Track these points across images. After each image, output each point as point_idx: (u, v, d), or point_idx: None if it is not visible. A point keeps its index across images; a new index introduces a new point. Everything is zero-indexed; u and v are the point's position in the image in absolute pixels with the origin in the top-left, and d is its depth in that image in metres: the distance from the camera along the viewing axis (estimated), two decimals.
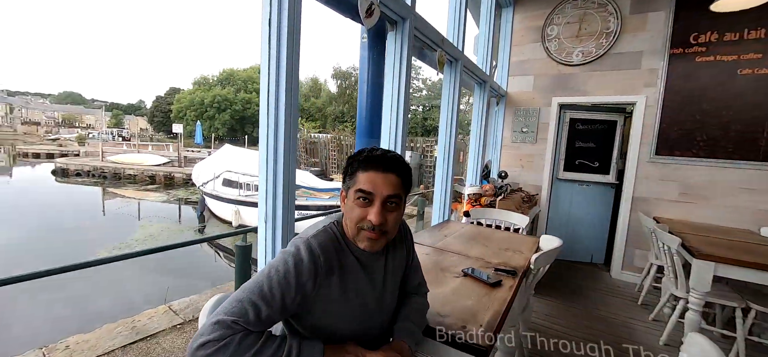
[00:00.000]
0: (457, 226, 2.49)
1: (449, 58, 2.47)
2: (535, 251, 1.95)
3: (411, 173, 0.91)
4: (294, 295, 0.79)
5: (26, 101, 59.52)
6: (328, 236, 0.88)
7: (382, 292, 0.96)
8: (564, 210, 4.10)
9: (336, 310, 0.87)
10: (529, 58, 3.90)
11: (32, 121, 52.70)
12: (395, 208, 0.86)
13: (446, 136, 2.69)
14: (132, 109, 71.63)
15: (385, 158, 0.86)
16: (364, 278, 0.91)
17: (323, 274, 0.83)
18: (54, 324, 4.58)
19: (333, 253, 0.86)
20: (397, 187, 0.85)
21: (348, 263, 0.89)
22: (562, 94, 3.79)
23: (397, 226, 0.89)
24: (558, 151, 3.98)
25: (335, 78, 29.51)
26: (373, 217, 0.83)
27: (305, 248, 0.82)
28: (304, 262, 0.81)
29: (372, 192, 0.83)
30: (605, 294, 3.27)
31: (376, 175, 0.84)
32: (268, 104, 1.29)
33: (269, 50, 1.27)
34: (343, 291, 0.87)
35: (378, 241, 0.87)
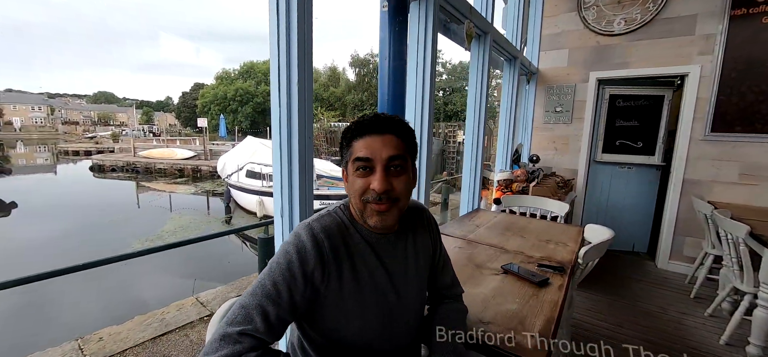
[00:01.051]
0: (489, 216, 2.30)
1: (478, 31, 2.25)
2: (580, 243, 1.74)
3: (413, 134, 0.80)
4: (302, 288, 0.70)
5: (65, 102, 63.15)
6: (332, 220, 0.78)
7: (404, 284, 0.83)
8: (603, 195, 3.80)
9: (351, 306, 0.76)
10: (564, 29, 3.57)
11: (71, 121, 55.95)
12: (400, 171, 0.75)
13: (475, 117, 2.48)
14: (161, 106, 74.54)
15: (379, 120, 0.75)
16: (377, 264, 0.79)
17: (331, 260, 0.73)
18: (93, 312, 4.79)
19: (338, 236, 0.76)
20: (399, 148, 0.74)
21: (357, 247, 0.78)
22: (600, 67, 3.45)
23: (408, 193, 0.78)
24: (596, 132, 3.66)
25: (353, 66, 29.31)
26: (377, 184, 0.72)
27: (307, 233, 0.73)
28: (307, 248, 0.71)
29: (370, 157, 0.73)
30: (652, 286, 3.00)
31: (372, 140, 0.73)
32: (279, 90, 1.15)
33: (278, 27, 1.12)
34: (355, 280, 0.76)
35: (388, 213, 0.75)
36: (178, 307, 3.11)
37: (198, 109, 34.61)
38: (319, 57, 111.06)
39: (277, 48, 1.13)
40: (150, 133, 37.11)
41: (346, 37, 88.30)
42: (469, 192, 2.62)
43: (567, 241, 1.74)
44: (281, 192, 1.18)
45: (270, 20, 1.14)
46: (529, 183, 3.03)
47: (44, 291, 5.07)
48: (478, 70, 2.41)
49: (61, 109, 57.81)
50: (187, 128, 42.91)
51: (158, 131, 40.06)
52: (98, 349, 2.51)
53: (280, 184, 1.18)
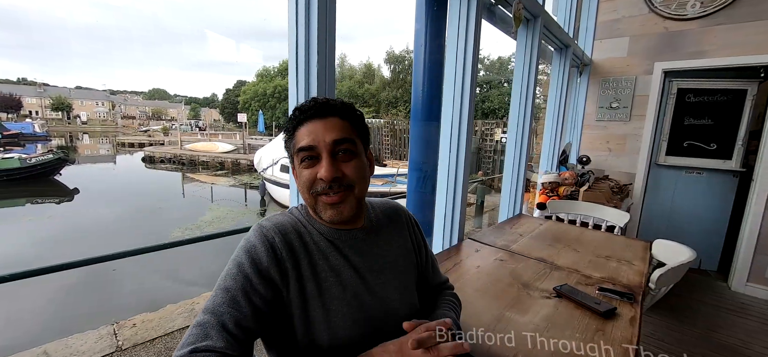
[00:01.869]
0: (533, 223, 2.04)
1: (527, 14, 1.99)
2: (649, 262, 1.46)
3: (361, 117, 0.72)
4: (261, 290, 0.60)
5: (124, 98, 68.86)
6: (285, 218, 0.70)
7: (381, 283, 0.72)
8: (665, 203, 3.34)
9: (316, 313, 0.65)
10: (624, 15, 3.16)
11: (129, 116, 60.97)
12: (350, 155, 0.67)
13: (520, 111, 2.22)
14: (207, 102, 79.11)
15: (318, 104, 0.68)
16: (343, 262, 0.69)
17: (287, 258, 0.64)
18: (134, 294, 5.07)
19: (293, 233, 0.67)
20: (345, 130, 0.67)
21: (317, 245, 0.69)
22: (668, 57, 3.01)
23: (363, 178, 0.69)
24: (660, 131, 3.21)
25: (388, 62, 29.21)
26: (323, 171, 0.64)
27: (256, 234, 0.65)
28: (257, 247, 0.63)
29: (313, 144, 0.65)
30: (728, 313, 2.56)
31: (314, 125, 0.66)
32: (297, 78, 1.01)
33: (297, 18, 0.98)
34: (316, 283, 0.66)
35: (343, 204, 0.67)
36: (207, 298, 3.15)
37: (239, 105, 36.28)
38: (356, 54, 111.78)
39: (296, 38, 0.99)
40: (196, 127, 39.46)
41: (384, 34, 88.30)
42: (511, 195, 2.37)
43: (632, 259, 1.47)
44: (298, 196, 1.04)
45: (289, 11, 1.01)
46: (579, 187, 2.71)
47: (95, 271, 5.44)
48: (526, 58, 2.15)
49: (121, 104, 63.10)
50: (229, 123, 45.17)
51: (203, 126, 42.55)
52: (131, 335, 2.57)
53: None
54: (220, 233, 2.79)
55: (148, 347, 2.42)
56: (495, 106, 24.46)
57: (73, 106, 52.19)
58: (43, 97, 50.24)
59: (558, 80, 2.82)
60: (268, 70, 36.85)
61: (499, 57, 28.09)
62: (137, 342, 2.47)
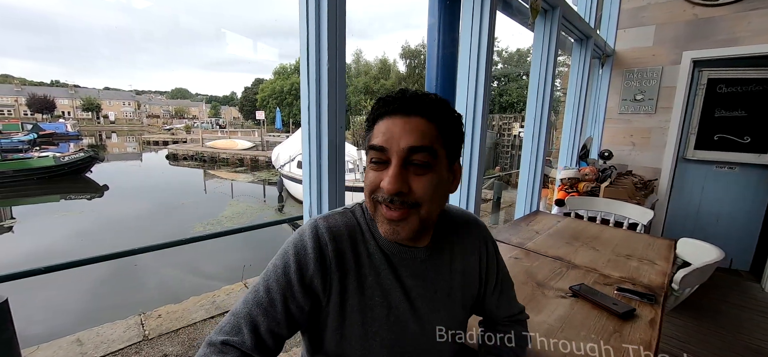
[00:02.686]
0: (550, 220, 2.00)
1: (545, 5, 1.93)
2: (673, 261, 1.40)
3: (456, 120, 0.59)
4: (300, 298, 0.57)
5: (149, 98, 71.44)
6: (344, 220, 0.63)
7: (431, 313, 0.65)
8: (693, 199, 3.19)
9: (352, 331, 0.60)
10: (650, 1, 3.02)
11: (153, 115, 63.25)
12: (425, 169, 0.55)
13: (537, 105, 2.17)
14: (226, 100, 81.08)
15: (405, 98, 0.56)
16: (394, 283, 0.62)
17: (334, 267, 0.58)
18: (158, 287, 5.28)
19: (347, 241, 0.61)
20: (426, 136, 0.55)
21: (371, 258, 0.62)
22: (698, 46, 2.86)
23: (435, 198, 0.57)
24: (688, 124, 3.06)
25: (404, 57, 29.05)
26: (387, 181, 0.54)
27: (310, 233, 0.59)
28: (307, 250, 0.58)
29: (385, 146, 0.55)
30: (762, 316, 2.43)
31: (393, 123, 0.55)
32: (308, 72, 1.02)
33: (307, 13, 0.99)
34: (361, 299, 0.60)
35: (404, 223, 0.56)
36: (228, 292, 3.24)
37: (257, 102, 36.97)
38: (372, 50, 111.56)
39: (306, 33, 1.00)
40: (217, 125, 40.53)
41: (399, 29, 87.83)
42: (528, 191, 2.32)
43: (655, 259, 1.41)
44: (310, 191, 1.06)
45: (300, 10, 1.01)
46: (600, 183, 2.63)
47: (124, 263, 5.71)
48: (544, 51, 2.09)
49: (146, 104, 65.50)
50: (248, 121, 46.12)
51: (224, 124, 43.66)
52: (157, 325, 2.68)
53: (309, 182, 1.06)
54: (240, 229, 2.87)
55: (173, 337, 2.52)
56: (513, 99, 23.94)
57: (102, 106, 54.60)
58: (75, 98, 52.76)
59: (578, 72, 2.73)
60: (284, 68, 37.34)
61: (517, 49, 27.42)
62: (162, 332, 2.58)
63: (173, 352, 2.34)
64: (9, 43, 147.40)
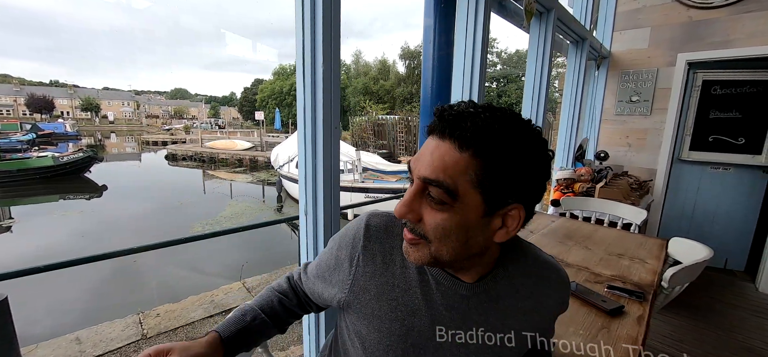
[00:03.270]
0: (545, 220, 2.02)
1: (540, 8, 1.96)
2: (664, 260, 1.42)
3: (508, 148, 0.46)
4: (331, 272, 0.65)
5: (148, 98, 71.44)
6: (390, 221, 0.63)
7: (452, 349, 0.58)
8: (688, 200, 3.22)
9: (365, 332, 0.61)
10: (645, 4, 3.04)
11: (153, 115, 63.22)
12: (440, 206, 0.48)
13: (532, 107, 2.19)
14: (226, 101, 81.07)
15: (445, 117, 0.48)
16: (421, 304, 0.57)
17: (360, 261, 0.61)
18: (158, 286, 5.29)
19: (383, 241, 0.61)
20: (447, 170, 0.46)
21: (402, 267, 0.59)
22: (692, 48, 2.89)
23: (450, 242, 0.49)
24: (683, 125, 3.09)
25: (403, 58, 29.09)
26: (398, 203, 0.51)
27: (355, 224, 0.65)
28: (350, 234, 0.64)
29: (411, 167, 0.51)
30: (754, 315, 2.46)
31: (428, 143, 0.50)
32: (303, 74, 1.04)
33: (303, 9, 1.01)
34: (379, 303, 0.59)
35: (414, 249, 0.52)
36: (226, 291, 3.26)
37: (257, 103, 37.01)
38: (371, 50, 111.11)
39: (302, 32, 1.02)
40: (216, 125, 40.55)
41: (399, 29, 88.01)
42: None
43: (646, 258, 1.43)
44: (306, 191, 1.08)
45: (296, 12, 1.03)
46: (595, 183, 2.65)
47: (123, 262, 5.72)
48: (538, 52, 2.12)
49: (145, 104, 65.49)
50: (248, 121, 46.16)
51: (223, 124, 43.66)
52: (155, 324, 2.70)
53: (305, 183, 1.08)
54: (239, 228, 2.88)
55: (171, 336, 2.53)
56: (512, 100, 24.02)
57: (101, 106, 54.57)
58: (74, 98, 52.72)
59: (574, 74, 2.76)
60: (284, 68, 37.41)
61: (517, 50, 27.53)
62: (161, 331, 2.59)
63: None
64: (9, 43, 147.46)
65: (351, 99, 28.43)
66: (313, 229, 1.10)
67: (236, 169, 17.43)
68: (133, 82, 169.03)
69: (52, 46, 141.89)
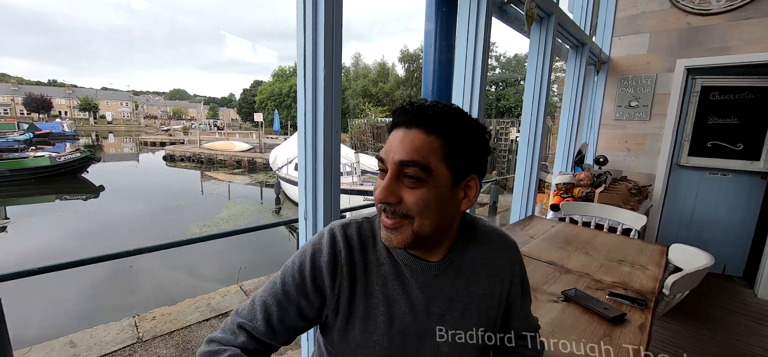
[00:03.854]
0: (545, 224, 2.01)
1: (540, 13, 1.96)
2: (664, 267, 1.42)
3: (467, 131, 0.58)
4: (311, 297, 0.62)
5: (147, 99, 71.28)
6: (362, 227, 0.66)
7: (437, 329, 0.64)
8: (686, 205, 3.22)
9: (357, 337, 0.63)
10: (644, 10, 3.06)
11: (151, 116, 63.03)
12: (417, 183, 0.55)
13: (532, 111, 2.19)
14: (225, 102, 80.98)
15: (406, 110, 0.57)
16: (399, 291, 0.63)
17: (345, 273, 0.62)
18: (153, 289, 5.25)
19: (358, 249, 0.63)
20: (420, 151, 0.55)
21: (377, 265, 0.64)
22: (691, 54, 2.90)
23: (428, 211, 0.56)
24: (682, 130, 3.10)
25: (403, 61, 29.17)
26: (378, 191, 0.57)
27: (328, 236, 0.63)
28: (322, 253, 0.62)
29: (383, 157, 0.58)
30: (752, 322, 2.45)
31: (395, 135, 0.58)
32: (304, 80, 1.03)
33: (304, 12, 1.00)
34: (366, 304, 0.63)
35: (395, 232, 0.58)
36: (223, 294, 3.23)
37: (256, 104, 36.98)
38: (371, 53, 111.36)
39: (303, 33, 1.01)
40: (215, 127, 40.49)
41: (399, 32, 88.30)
42: (523, 196, 2.34)
43: (646, 264, 1.43)
44: (306, 195, 1.07)
45: (297, 5, 1.03)
46: (595, 188, 2.65)
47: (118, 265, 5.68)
48: (539, 57, 2.12)
49: (144, 105, 65.36)
50: (247, 123, 46.09)
51: (222, 125, 43.59)
52: (151, 327, 2.67)
53: (304, 186, 1.06)
54: (236, 231, 2.86)
55: (167, 339, 2.51)
56: (511, 104, 24.09)
57: (99, 106, 54.37)
58: (72, 97, 52.53)
59: (573, 79, 2.76)
60: (283, 70, 37.41)
61: (515, 54, 27.65)
62: (156, 334, 2.56)
63: (167, 355, 2.33)
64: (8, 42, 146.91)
65: (350, 101, 28.47)
66: (312, 232, 1.08)
67: (234, 170, 17.38)
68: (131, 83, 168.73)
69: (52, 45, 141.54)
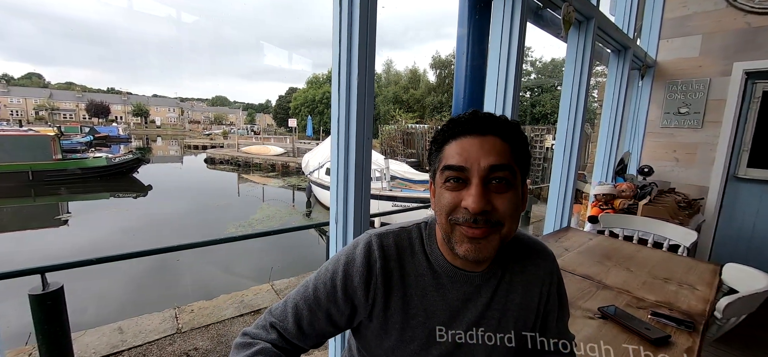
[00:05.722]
0: (581, 237, 1.92)
1: (579, 17, 1.89)
2: (717, 288, 1.30)
3: (525, 140, 0.60)
4: (341, 305, 0.62)
5: (191, 105, 76.01)
6: (400, 237, 0.65)
7: (473, 338, 0.63)
8: (746, 221, 2.93)
9: (393, 346, 0.63)
10: (695, 10, 2.85)
11: (195, 120, 67.14)
12: (506, 186, 0.55)
13: (569, 119, 2.11)
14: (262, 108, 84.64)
15: (478, 119, 0.57)
16: (439, 301, 0.62)
17: (380, 283, 0.61)
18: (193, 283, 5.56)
19: (396, 260, 0.62)
20: (505, 155, 0.55)
21: (416, 277, 0.62)
22: (750, 57, 2.66)
23: (515, 217, 0.57)
24: (740, 139, 2.84)
25: (434, 67, 29.06)
26: (471, 200, 0.53)
27: (363, 246, 0.62)
28: (356, 262, 0.61)
29: (465, 166, 0.55)
30: None
31: (469, 142, 0.56)
32: (339, 89, 1.07)
33: (340, 24, 1.04)
34: (403, 314, 0.62)
35: (486, 241, 0.55)
36: (256, 292, 3.36)
37: (290, 110, 38.33)
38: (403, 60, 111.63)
39: (339, 45, 1.05)
40: (252, 131, 42.40)
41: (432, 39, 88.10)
42: (558, 206, 2.24)
43: (696, 284, 1.32)
44: (337, 198, 1.10)
45: (334, 18, 1.07)
46: (638, 200, 2.48)
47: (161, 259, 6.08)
48: (577, 63, 2.04)
49: (188, 110, 69.75)
50: (281, 128, 47.87)
51: (258, 130, 45.59)
52: (189, 319, 2.83)
53: (337, 191, 1.10)
54: (269, 231, 2.99)
55: (203, 332, 2.64)
56: (547, 110, 23.21)
57: (150, 111, 58.82)
58: (127, 104, 57.24)
59: (615, 84, 2.62)
60: (317, 78, 38.53)
61: (552, 59, 26.66)
62: (194, 326, 2.71)
63: (203, 347, 2.46)
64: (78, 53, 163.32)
65: (381, 107, 28.74)
66: (343, 236, 1.11)
67: (269, 173, 18.07)
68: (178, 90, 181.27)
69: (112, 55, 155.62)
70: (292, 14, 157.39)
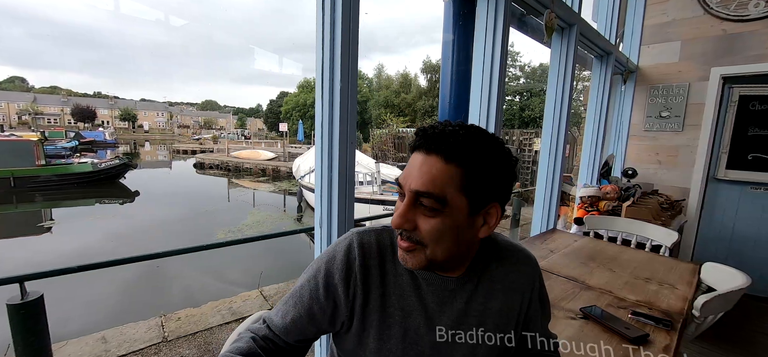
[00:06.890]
0: (567, 239, 1.95)
1: (561, 23, 1.93)
2: (696, 286, 1.34)
3: (489, 158, 0.55)
4: (323, 302, 0.63)
5: (180, 109, 75.05)
6: (381, 236, 0.65)
7: (451, 342, 0.64)
8: (725, 222, 3.02)
9: (371, 345, 0.63)
10: (675, 17, 2.94)
11: (184, 125, 66.25)
12: (433, 213, 0.55)
13: (554, 122, 2.15)
14: (252, 112, 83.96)
15: (427, 135, 0.55)
16: (415, 303, 0.63)
17: (359, 281, 0.62)
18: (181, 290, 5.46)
19: (375, 257, 0.63)
20: (436, 181, 0.53)
21: (394, 276, 0.64)
22: (727, 62, 2.75)
23: (443, 240, 0.56)
24: (719, 142, 2.93)
25: (425, 72, 29.28)
26: (395, 215, 0.57)
27: (344, 243, 0.64)
28: (336, 260, 0.63)
29: (401, 182, 0.57)
30: None
31: (415, 158, 0.57)
32: (322, 92, 1.07)
33: (323, 29, 1.04)
34: (382, 315, 0.63)
35: (410, 255, 0.58)
36: (244, 298, 3.32)
37: (281, 115, 38.12)
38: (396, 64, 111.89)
39: (322, 49, 1.06)
40: (242, 136, 41.98)
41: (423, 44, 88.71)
42: (544, 209, 2.28)
43: (676, 283, 1.35)
44: (321, 203, 1.10)
45: (316, 22, 1.07)
46: (622, 202, 2.54)
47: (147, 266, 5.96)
48: (560, 68, 2.08)
49: (177, 115, 68.83)
50: (272, 132, 47.57)
51: (248, 135, 45.19)
52: (176, 327, 2.78)
53: (321, 194, 1.10)
54: (259, 237, 2.96)
55: (190, 340, 2.60)
56: (536, 114, 23.56)
57: (138, 116, 57.82)
58: (114, 108, 56.23)
59: (598, 89, 2.68)
60: (308, 82, 38.45)
61: (541, 64, 27.13)
62: (180, 334, 2.67)
63: (189, 355, 2.41)
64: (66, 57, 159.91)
65: (372, 111, 28.78)
66: (327, 239, 1.11)
67: (259, 178, 17.90)
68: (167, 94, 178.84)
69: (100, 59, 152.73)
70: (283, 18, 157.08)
